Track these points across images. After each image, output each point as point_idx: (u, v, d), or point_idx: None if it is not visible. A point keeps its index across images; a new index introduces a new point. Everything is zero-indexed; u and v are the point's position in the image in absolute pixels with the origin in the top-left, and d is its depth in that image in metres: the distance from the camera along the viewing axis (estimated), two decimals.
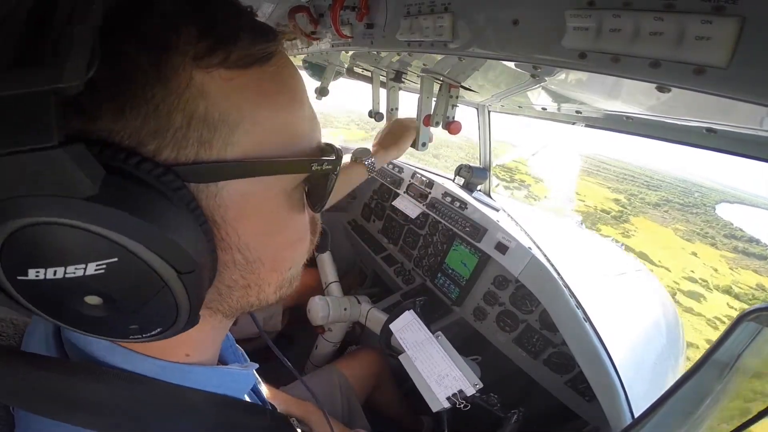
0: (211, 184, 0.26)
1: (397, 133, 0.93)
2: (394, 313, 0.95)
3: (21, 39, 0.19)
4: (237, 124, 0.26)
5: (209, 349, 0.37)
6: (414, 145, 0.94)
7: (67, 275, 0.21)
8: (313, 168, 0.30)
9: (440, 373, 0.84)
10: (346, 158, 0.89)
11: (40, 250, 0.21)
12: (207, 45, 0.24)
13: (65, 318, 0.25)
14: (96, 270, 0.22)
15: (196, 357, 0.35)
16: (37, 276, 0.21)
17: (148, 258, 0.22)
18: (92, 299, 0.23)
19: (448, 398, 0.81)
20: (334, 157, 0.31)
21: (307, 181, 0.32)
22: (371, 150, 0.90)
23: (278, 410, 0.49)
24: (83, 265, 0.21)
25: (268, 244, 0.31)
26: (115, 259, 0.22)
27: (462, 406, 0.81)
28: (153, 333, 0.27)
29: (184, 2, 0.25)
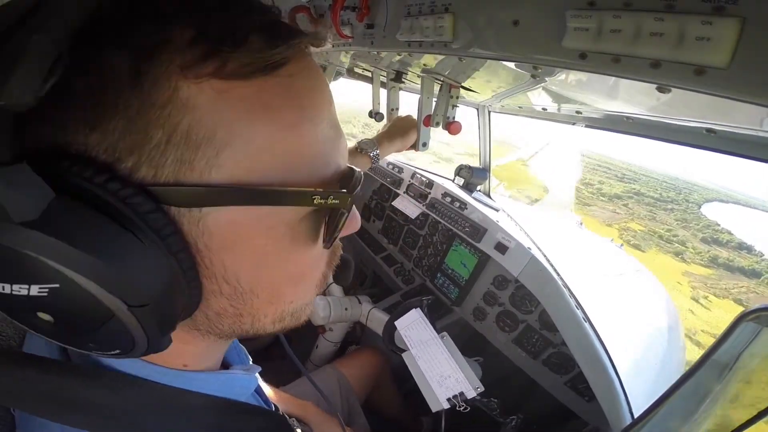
0: (194, 209, 0.23)
1: (403, 127, 0.94)
2: (400, 309, 0.95)
3: None
4: (225, 144, 0.22)
5: (208, 360, 0.36)
6: (414, 146, 0.95)
7: (14, 293, 0.21)
8: (315, 202, 0.25)
9: (443, 374, 0.83)
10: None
11: None
12: (200, 51, 0.21)
13: (26, 324, 0.24)
14: (39, 292, 0.21)
15: (195, 367, 0.34)
16: None
17: (90, 288, 0.21)
18: (44, 315, 0.22)
19: (448, 399, 0.81)
20: (344, 191, 0.27)
21: (320, 212, 0.28)
22: (375, 140, 0.90)
23: (278, 410, 0.49)
24: (26, 286, 0.21)
25: (262, 278, 0.28)
26: (57, 285, 0.21)
27: (462, 408, 0.81)
28: (112, 353, 0.25)
29: None
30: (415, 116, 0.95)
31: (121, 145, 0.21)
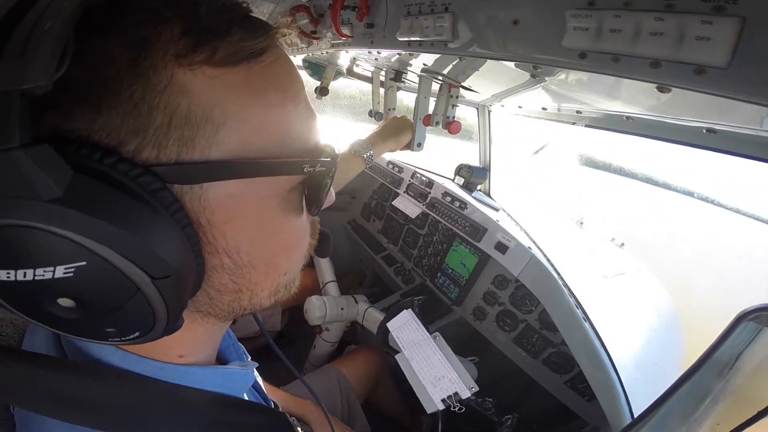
0: (195, 186, 0.25)
1: (397, 127, 0.94)
2: (391, 311, 0.95)
3: None
4: (222, 123, 0.25)
5: (204, 350, 0.37)
6: (409, 146, 0.94)
7: (36, 278, 0.21)
8: (305, 170, 0.28)
9: (436, 375, 0.83)
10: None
11: (7, 251, 0.20)
12: (190, 42, 0.24)
13: (40, 317, 0.24)
14: (65, 273, 0.21)
15: (191, 358, 0.34)
16: (8, 277, 0.21)
17: (117, 262, 0.22)
18: (65, 301, 0.23)
19: (443, 400, 0.81)
20: (329, 159, 0.30)
21: (304, 183, 0.31)
22: (368, 141, 0.90)
23: (278, 408, 0.49)
24: (51, 268, 0.21)
25: (260, 249, 0.30)
26: (84, 263, 0.21)
27: (456, 408, 0.81)
28: (131, 337, 0.26)
29: None
30: (409, 117, 0.95)
31: (125, 129, 0.22)
